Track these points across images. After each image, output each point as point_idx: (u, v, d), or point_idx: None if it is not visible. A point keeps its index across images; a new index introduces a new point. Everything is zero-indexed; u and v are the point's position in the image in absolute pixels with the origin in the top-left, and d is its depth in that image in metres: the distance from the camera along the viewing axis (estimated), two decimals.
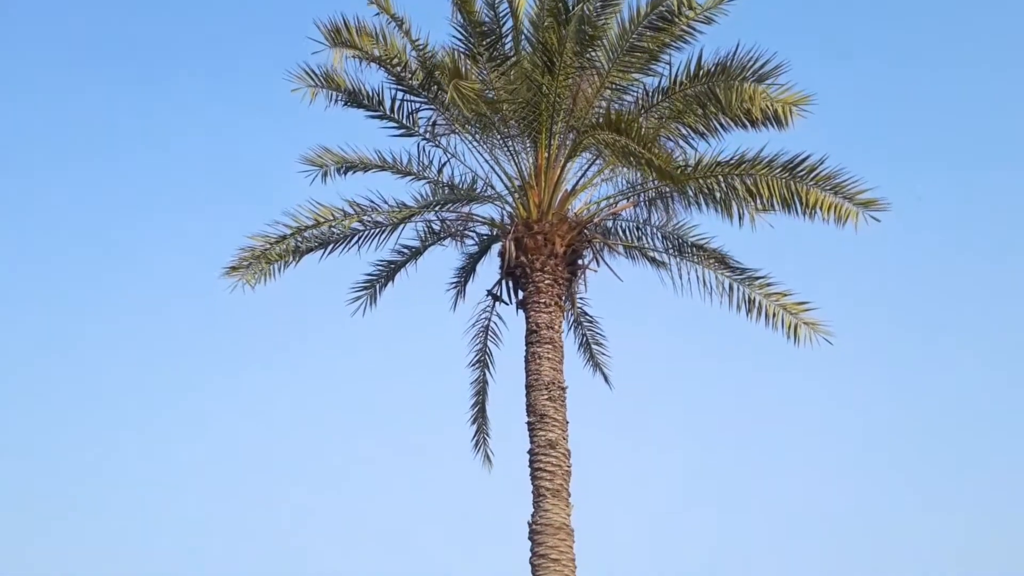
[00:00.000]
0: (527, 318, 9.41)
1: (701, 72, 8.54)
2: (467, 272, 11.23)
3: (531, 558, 8.21)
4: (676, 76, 8.77)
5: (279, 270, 10.24)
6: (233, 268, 9.72)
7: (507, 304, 10.21)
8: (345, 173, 10.05)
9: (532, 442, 8.84)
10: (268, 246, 9.70)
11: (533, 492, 8.61)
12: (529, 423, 8.97)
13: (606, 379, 11.90)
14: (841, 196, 8.46)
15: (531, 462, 8.77)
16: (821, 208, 8.54)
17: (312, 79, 9.65)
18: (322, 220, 9.72)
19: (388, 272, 11.08)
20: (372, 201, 9.91)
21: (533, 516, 8.44)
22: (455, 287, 11.36)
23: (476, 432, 11.69)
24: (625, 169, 9.45)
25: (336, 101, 9.96)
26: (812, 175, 8.51)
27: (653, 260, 10.56)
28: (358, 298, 11.12)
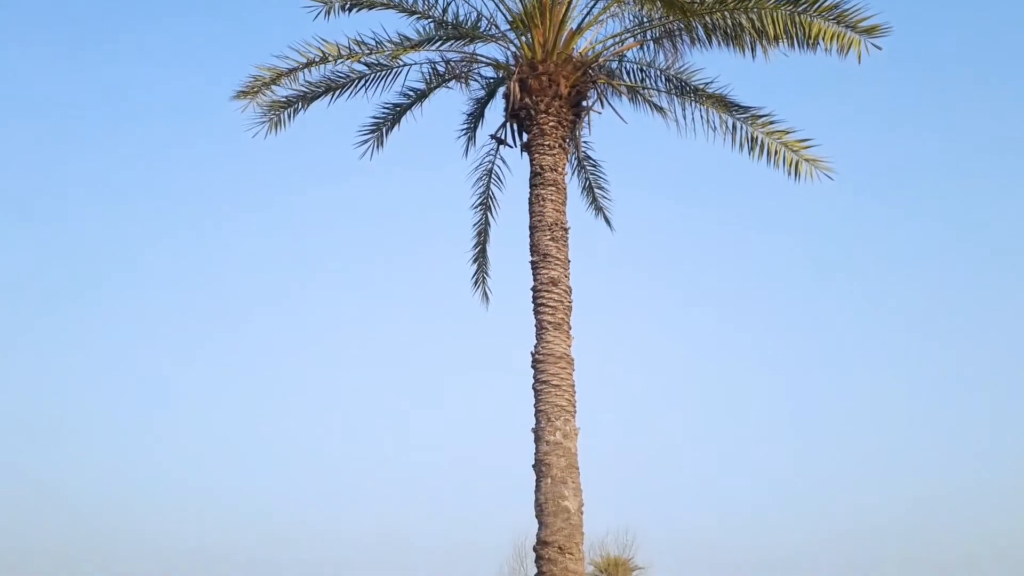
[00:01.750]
0: (531, 160, 9.66)
1: None
2: (476, 118, 11.39)
3: (534, 384, 8.83)
4: None
5: (289, 117, 10.47)
6: (243, 92, 9.92)
7: (511, 147, 10.43)
8: (349, 10, 9.96)
9: (535, 280, 9.31)
10: (276, 76, 9.84)
11: (536, 325, 9.15)
12: (533, 262, 9.42)
13: (608, 222, 12.31)
14: (844, 25, 8.46)
15: (534, 298, 9.27)
16: (824, 39, 8.56)
17: None
18: (328, 56, 9.75)
19: (394, 115, 11.25)
20: (376, 37, 9.89)
21: (536, 347, 9.01)
22: (465, 133, 11.56)
23: (476, 271, 12.28)
24: (632, 3, 9.39)
25: None
26: (815, 6, 8.48)
27: (656, 106, 10.67)
28: (365, 141, 11.37)
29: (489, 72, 10.52)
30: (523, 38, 9.65)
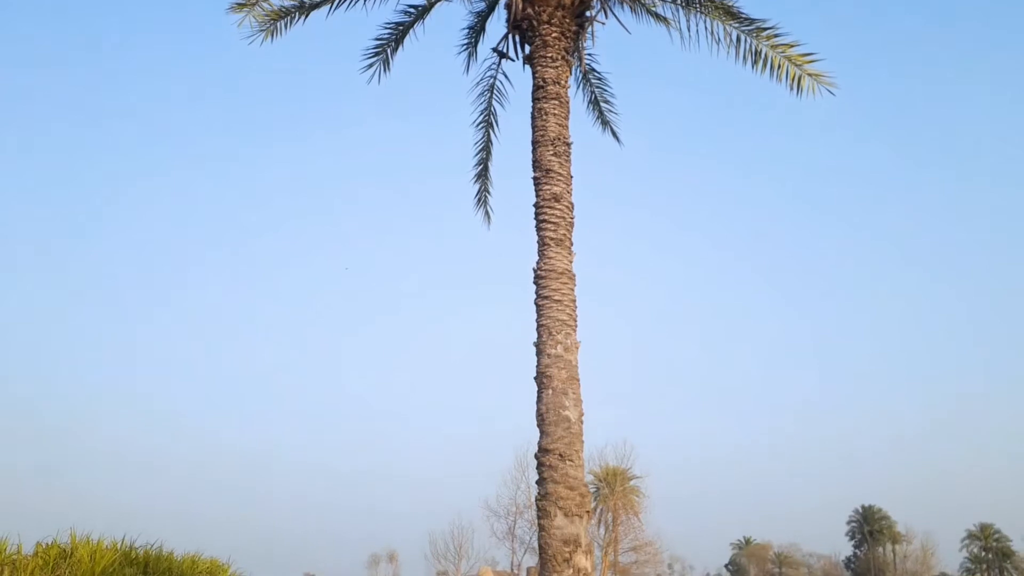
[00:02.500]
0: (534, 73, 9.58)
1: None
2: (476, 32, 11.19)
3: (536, 299, 9.00)
4: None
5: (286, 26, 10.30)
6: (240, 5, 9.78)
7: (513, 60, 10.31)
8: None
9: (537, 195, 9.37)
10: None
11: (538, 242, 9.25)
12: (535, 178, 9.46)
13: (615, 136, 12.23)
14: None
15: (536, 214, 9.34)
16: None
17: None
18: None
19: (397, 34, 11.05)
20: None
21: (538, 263, 9.14)
22: (466, 49, 11.37)
23: (479, 190, 12.28)
24: None
25: None
26: None
27: (660, 16, 10.47)
28: (371, 65, 11.17)
29: None
30: None
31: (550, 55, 9.39)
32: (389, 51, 11.14)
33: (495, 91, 11.62)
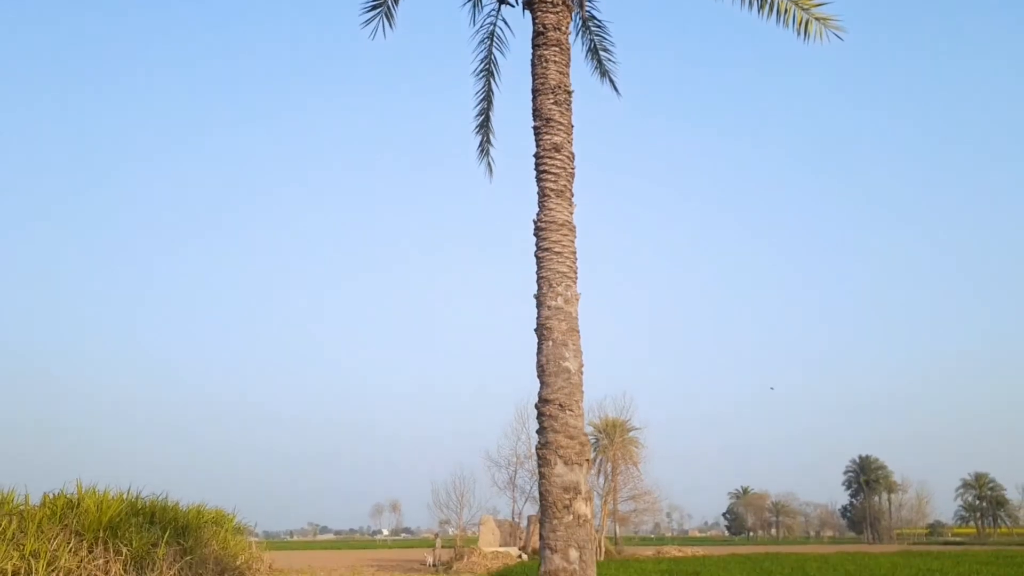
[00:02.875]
0: (534, 19, 9.43)
1: None
2: None
3: (536, 252, 8.99)
4: None
5: None
6: None
7: (513, 6, 10.13)
8: None
9: (538, 146, 9.30)
10: None
11: (539, 192, 9.21)
12: (535, 127, 9.37)
13: (614, 86, 12.08)
14: None
15: (537, 165, 9.28)
16: None
17: None
18: None
19: None
20: None
21: (539, 214, 9.11)
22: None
23: (481, 141, 12.16)
24: None
25: None
26: None
27: None
28: (370, 20, 10.94)
29: None
30: None
31: (550, 0, 9.23)
32: (391, 2, 10.88)
33: (495, 39, 11.45)
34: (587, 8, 10.87)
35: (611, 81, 12.00)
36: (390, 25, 10.98)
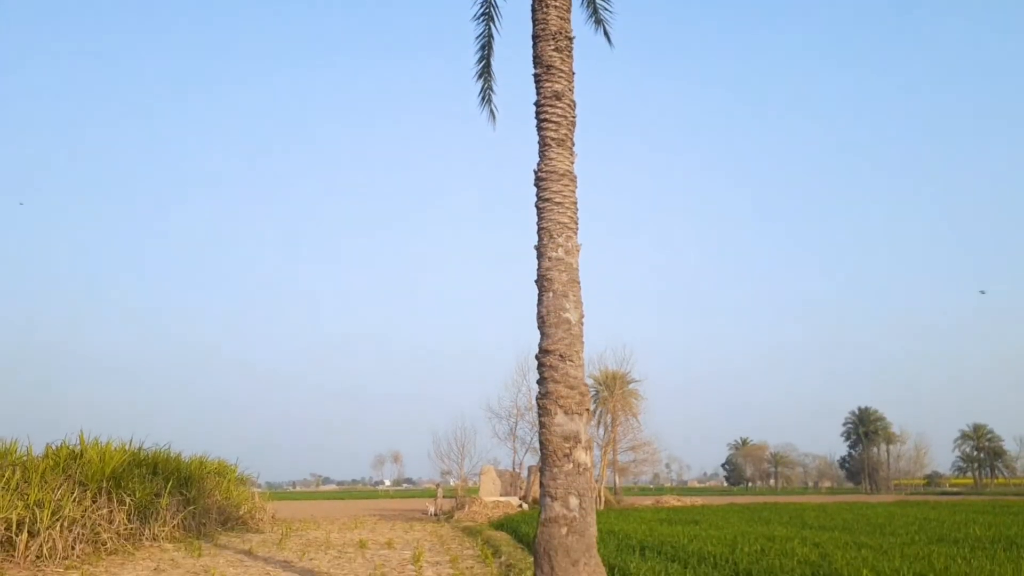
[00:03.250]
0: None
1: None
2: None
3: (537, 202, 8.95)
4: None
5: None
6: None
7: None
8: None
9: (539, 94, 9.19)
10: None
11: (539, 142, 9.13)
12: (536, 75, 9.25)
13: (607, 36, 11.87)
14: None
15: (537, 114, 9.18)
16: None
17: None
18: None
19: None
20: None
21: (539, 164, 9.05)
22: None
23: (482, 87, 12.00)
24: None
25: None
26: None
27: None
28: None
29: None
30: None
31: None
32: None
33: None
34: None
35: (605, 32, 11.79)
36: None
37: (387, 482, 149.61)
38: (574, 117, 9.22)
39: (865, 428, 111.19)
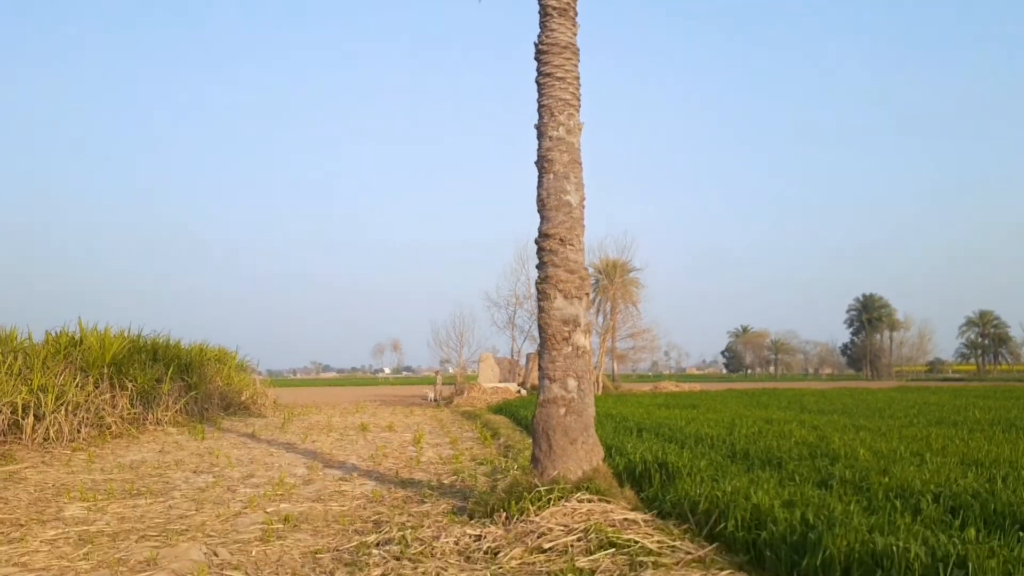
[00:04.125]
0: None
1: None
2: None
3: (537, 78, 8.73)
4: None
5: None
6: None
7: None
8: None
9: None
10: None
11: (540, 12, 8.80)
12: None
13: None
14: None
15: None
16: None
17: None
18: None
19: None
20: None
21: (540, 36, 8.75)
22: None
23: None
24: None
25: None
26: None
27: None
28: None
29: None
30: None
31: None
32: None
33: None
34: None
35: None
36: None
37: (387, 370, 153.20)
38: None
39: (869, 315, 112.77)
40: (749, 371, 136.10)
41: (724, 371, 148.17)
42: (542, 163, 8.51)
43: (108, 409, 16.12)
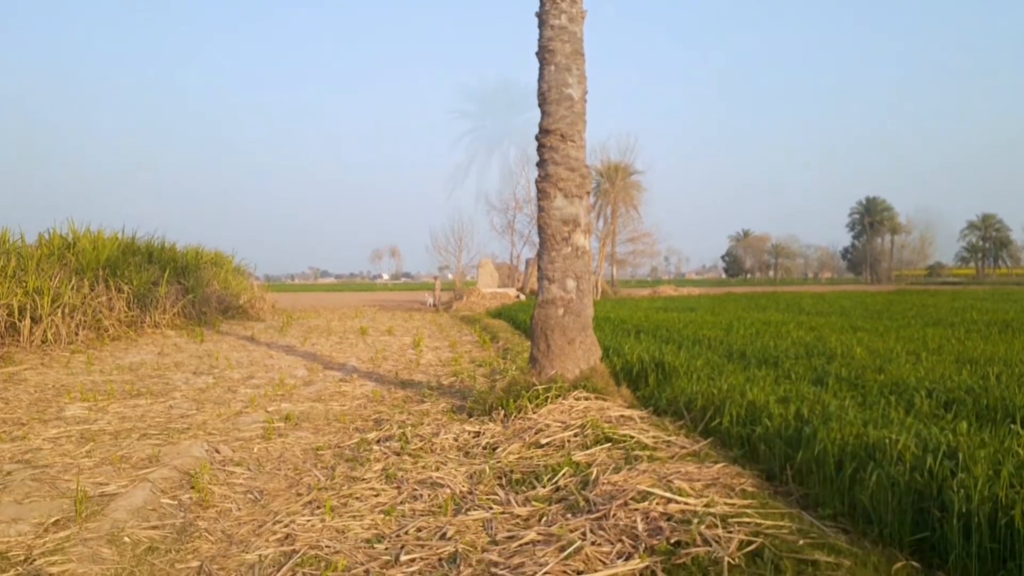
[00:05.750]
0: None
1: None
2: None
3: (540, 21, 8.39)
4: None
5: None
6: None
7: None
8: None
9: None
10: None
11: None
12: None
13: None
14: None
15: None
16: None
17: None
18: None
19: None
20: None
21: None
22: None
23: None
24: None
25: None
26: None
27: None
28: None
29: None
30: None
31: None
32: None
33: None
34: None
35: None
36: None
37: (385, 276, 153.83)
38: None
39: (871, 218, 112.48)
40: (748, 275, 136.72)
41: (723, 276, 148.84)
42: (543, 54, 8.26)
43: (105, 312, 16.22)
